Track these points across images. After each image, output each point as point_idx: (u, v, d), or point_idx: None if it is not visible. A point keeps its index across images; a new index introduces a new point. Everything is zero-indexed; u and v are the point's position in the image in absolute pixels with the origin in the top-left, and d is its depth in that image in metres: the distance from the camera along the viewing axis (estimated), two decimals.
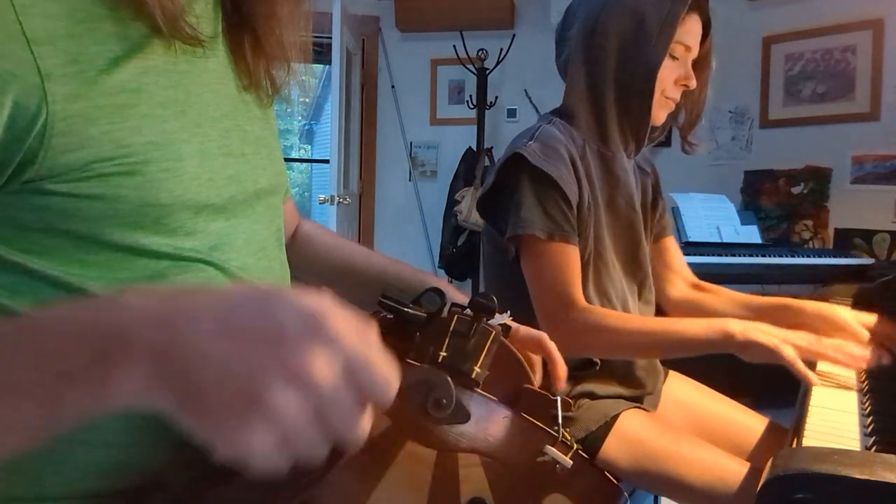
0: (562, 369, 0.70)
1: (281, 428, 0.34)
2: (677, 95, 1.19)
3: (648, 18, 1.12)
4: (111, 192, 0.49)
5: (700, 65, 1.21)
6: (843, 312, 1.13)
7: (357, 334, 0.36)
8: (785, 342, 0.94)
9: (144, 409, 0.36)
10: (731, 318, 1.01)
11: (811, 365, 0.95)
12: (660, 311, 1.34)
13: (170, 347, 0.36)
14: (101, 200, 0.49)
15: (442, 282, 0.77)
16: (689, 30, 1.15)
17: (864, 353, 0.95)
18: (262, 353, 0.35)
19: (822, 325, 1.12)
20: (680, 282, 1.38)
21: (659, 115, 1.19)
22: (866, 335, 1.08)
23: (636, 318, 1.15)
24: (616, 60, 1.15)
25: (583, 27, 1.17)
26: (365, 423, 0.37)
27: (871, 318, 1.13)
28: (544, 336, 0.72)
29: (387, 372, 0.36)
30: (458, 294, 0.75)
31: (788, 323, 1.13)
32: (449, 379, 0.44)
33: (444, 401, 0.44)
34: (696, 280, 1.39)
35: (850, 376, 0.99)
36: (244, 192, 0.60)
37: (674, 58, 1.15)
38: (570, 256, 1.08)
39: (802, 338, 0.96)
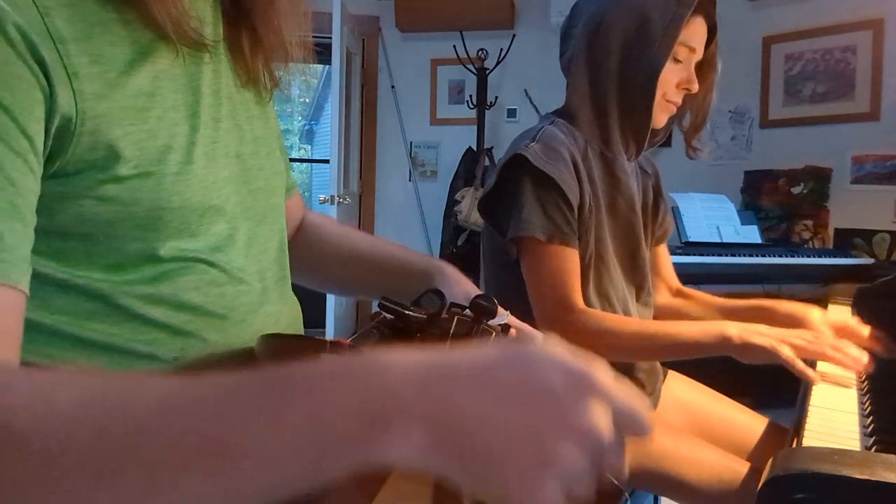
0: None
1: (568, 477, 0.36)
2: (679, 99, 1.18)
3: (653, 19, 1.11)
4: (126, 195, 0.50)
5: (704, 68, 1.20)
6: (814, 313, 1.13)
7: (612, 382, 0.39)
8: (782, 342, 0.94)
9: (414, 467, 0.37)
10: (728, 321, 1.01)
11: (810, 364, 0.95)
12: None
13: (441, 410, 0.36)
14: (116, 204, 0.49)
15: (446, 265, 0.76)
16: (694, 32, 1.14)
17: (861, 355, 0.95)
18: (544, 414, 0.37)
19: (792, 326, 1.12)
20: (664, 289, 1.39)
21: (660, 118, 1.18)
22: (831, 336, 1.06)
23: (634, 321, 1.15)
24: (618, 61, 1.14)
25: (587, 25, 1.16)
26: (626, 458, 0.40)
27: (840, 319, 1.14)
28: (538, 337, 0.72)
29: (644, 411, 0.40)
30: (462, 278, 0.75)
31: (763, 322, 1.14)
32: None
33: None
34: (680, 287, 1.40)
35: (850, 374, 0.99)
36: (242, 193, 0.61)
37: (677, 60, 1.14)
38: (570, 259, 1.08)
39: (800, 337, 0.96)
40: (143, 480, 0.34)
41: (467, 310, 0.56)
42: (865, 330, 1.11)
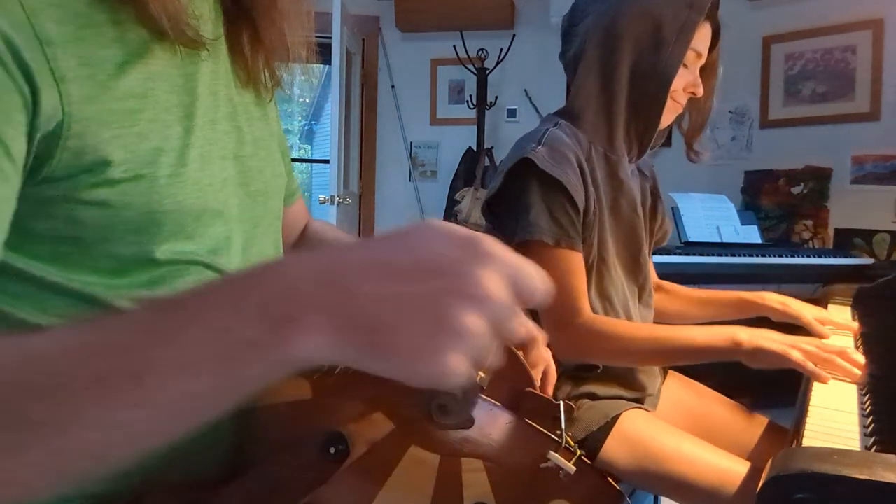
0: (552, 377, 0.70)
1: (469, 343, 0.36)
2: (684, 101, 1.18)
3: (666, 24, 1.10)
4: (118, 198, 0.49)
5: (707, 72, 1.20)
6: (797, 304, 1.20)
7: (506, 249, 0.39)
8: (793, 347, 0.95)
9: (323, 361, 0.37)
10: (738, 326, 1.01)
11: None
12: None
13: (342, 298, 0.36)
14: (108, 207, 0.49)
15: None
16: (701, 37, 1.14)
17: (862, 362, 0.96)
18: (436, 282, 0.36)
19: (779, 318, 1.21)
20: None
21: (666, 118, 1.18)
22: (820, 328, 1.16)
23: (641, 325, 1.15)
24: (630, 65, 1.13)
25: (596, 25, 1.16)
26: (521, 325, 0.39)
27: (824, 313, 1.22)
28: (540, 337, 0.71)
29: (538, 277, 0.39)
30: None
31: (748, 315, 1.23)
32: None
33: (449, 406, 0.44)
34: (658, 282, 1.39)
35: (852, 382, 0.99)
36: (241, 195, 0.61)
37: (684, 65, 1.14)
38: (576, 263, 1.08)
39: (808, 342, 0.97)
40: (71, 426, 0.35)
41: None
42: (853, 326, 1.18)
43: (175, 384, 0.36)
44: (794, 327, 1.09)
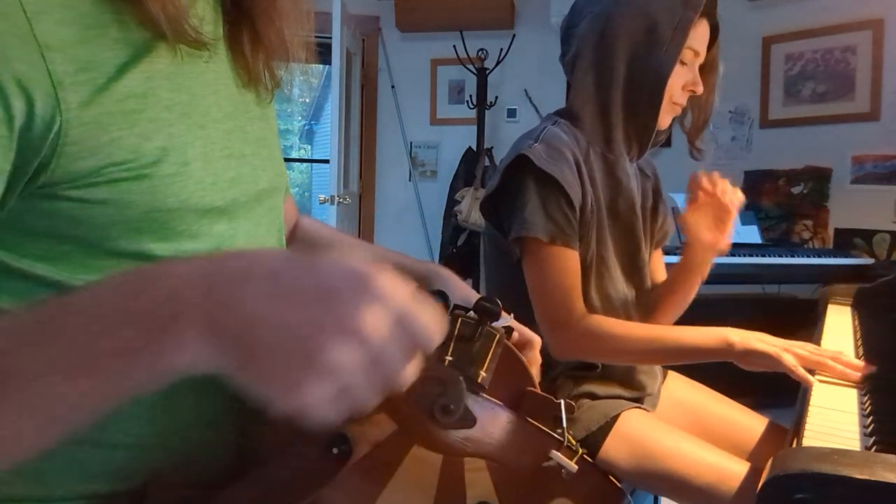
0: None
1: (338, 381, 0.36)
2: (684, 100, 1.18)
3: (661, 23, 1.10)
4: (120, 197, 0.49)
5: (707, 69, 1.20)
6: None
7: (402, 289, 0.38)
8: (785, 350, 0.95)
9: (203, 372, 0.37)
10: (731, 328, 1.01)
11: (810, 372, 0.96)
12: None
13: (223, 311, 0.37)
14: (110, 206, 0.49)
15: (443, 269, 0.77)
16: (699, 35, 1.14)
17: (859, 364, 0.96)
18: (317, 312, 0.36)
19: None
20: None
21: (664, 119, 1.18)
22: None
23: (636, 325, 1.15)
24: (626, 64, 1.14)
25: (592, 27, 1.16)
26: (411, 371, 0.38)
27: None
28: (536, 341, 0.72)
29: (431, 321, 0.38)
30: (459, 282, 0.75)
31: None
32: (461, 380, 0.44)
33: (452, 406, 0.44)
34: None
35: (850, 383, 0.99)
36: (245, 194, 0.61)
37: (682, 63, 1.14)
38: (572, 261, 1.08)
39: (801, 346, 0.97)
40: None
41: (470, 311, 0.56)
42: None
43: (45, 385, 0.37)
44: (789, 332, 1.07)
